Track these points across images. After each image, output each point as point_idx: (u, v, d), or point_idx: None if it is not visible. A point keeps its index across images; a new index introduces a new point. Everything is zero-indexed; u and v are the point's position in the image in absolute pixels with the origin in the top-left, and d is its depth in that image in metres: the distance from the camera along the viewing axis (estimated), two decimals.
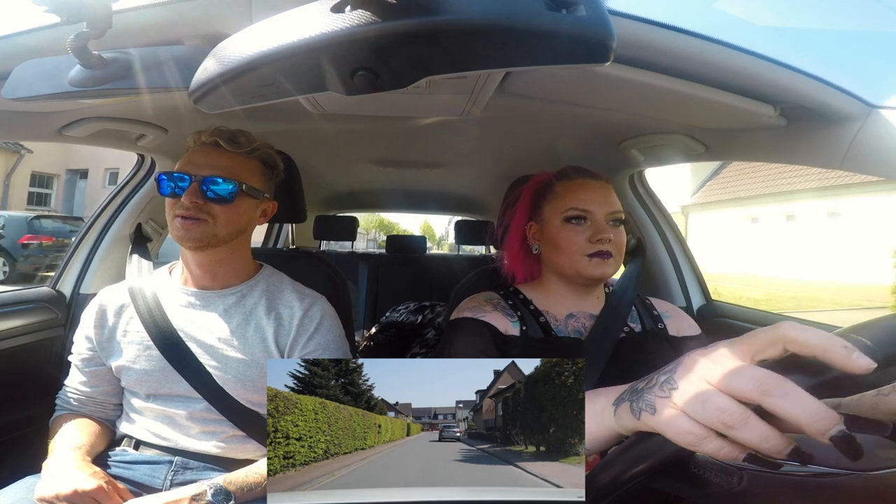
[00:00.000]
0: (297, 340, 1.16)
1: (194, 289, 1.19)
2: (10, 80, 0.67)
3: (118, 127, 1.34)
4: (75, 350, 1.22)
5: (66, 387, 1.22)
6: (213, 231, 1.10)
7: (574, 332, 1.14)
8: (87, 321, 1.21)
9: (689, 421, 0.48)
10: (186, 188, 1.07)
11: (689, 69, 0.91)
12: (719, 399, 0.46)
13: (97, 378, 1.20)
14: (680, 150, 1.44)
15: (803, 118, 1.03)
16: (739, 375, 0.46)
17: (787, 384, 0.43)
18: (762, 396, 0.44)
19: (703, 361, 0.50)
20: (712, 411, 0.46)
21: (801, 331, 0.46)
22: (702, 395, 0.47)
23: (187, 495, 0.97)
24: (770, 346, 0.48)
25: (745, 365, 0.47)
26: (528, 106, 1.26)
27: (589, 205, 1.13)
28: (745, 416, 0.45)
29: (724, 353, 0.49)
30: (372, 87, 0.48)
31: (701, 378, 0.49)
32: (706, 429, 0.47)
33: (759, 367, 0.46)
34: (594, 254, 1.10)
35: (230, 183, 1.09)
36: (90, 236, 1.75)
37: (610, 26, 0.44)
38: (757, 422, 0.44)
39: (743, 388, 0.45)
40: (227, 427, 1.12)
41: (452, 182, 2.88)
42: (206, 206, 1.08)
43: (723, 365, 0.48)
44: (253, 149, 1.15)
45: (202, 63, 0.52)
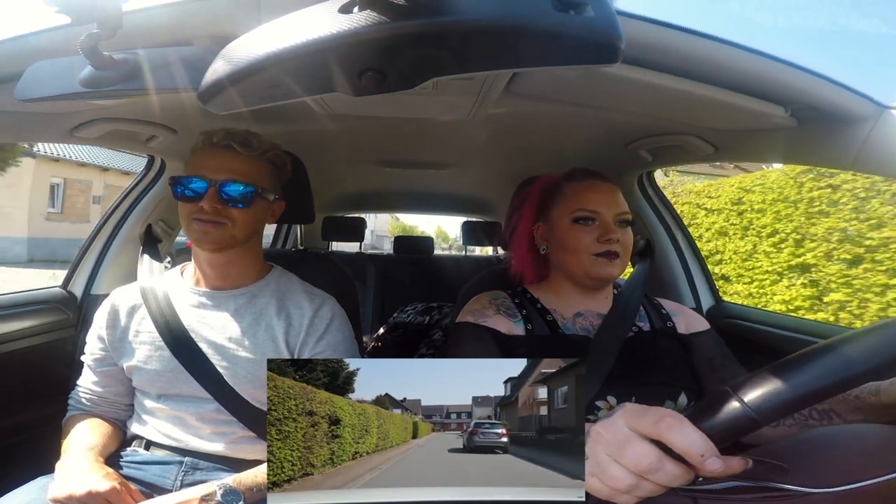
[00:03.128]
0: (307, 340, 1.16)
1: (206, 289, 1.20)
2: (22, 82, 0.68)
3: (128, 128, 1.35)
4: (88, 350, 1.23)
5: (78, 387, 1.23)
6: (232, 234, 1.12)
7: (582, 330, 1.14)
8: (100, 321, 1.22)
9: (618, 467, 0.55)
10: (205, 193, 1.08)
11: (698, 70, 0.90)
12: (637, 444, 0.54)
13: (109, 378, 1.21)
14: (689, 150, 1.43)
15: (814, 119, 1.02)
16: (644, 415, 0.56)
17: (682, 421, 0.53)
18: (660, 430, 0.53)
19: (605, 422, 0.59)
20: (633, 456, 0.54)
21: (674, 434, 0.52)
22: (622, 438, 0.56)
23: (197, 496, 0.97)
24: (650, 434, 0.55)
25: (647, 407, 0.58)
26: (535, 107, 1.25)
27: (597, 206, 1.13)
28: (661, 460, 0.53)
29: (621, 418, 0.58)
30: (379, 88, 0.48)
31: (611, 423, 0.58)
32: (634, 474, 0.54)
33: (658, 408, 0.57)
34: (601, 254, 1.11)
35: (248, 186, 1.11)
36: (101, 237, 1.76)
37: (618, 27, 0.44)
38: (672, 464, 0.53)
39: (646, 424, 0.55)
40: (238, 428, 1.13)
41: (460, 183, 2.88)
42: (225, 209, 1.10)
43: (627, 411, 0.58)
44: (264, 150, 1.16)
45: (211, 64, 0.52)
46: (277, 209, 1.26)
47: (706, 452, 0.51)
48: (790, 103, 0.99)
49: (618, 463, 0.55)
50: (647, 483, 0.54)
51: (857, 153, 0.96)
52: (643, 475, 0.53)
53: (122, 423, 1.23)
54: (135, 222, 1.76)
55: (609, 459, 0.56)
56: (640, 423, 0.55)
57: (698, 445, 0.51)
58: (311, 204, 1.47)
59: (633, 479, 0.54)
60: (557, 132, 1.57)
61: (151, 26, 0.79)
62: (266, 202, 1.18)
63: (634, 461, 0.54)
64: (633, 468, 0.54)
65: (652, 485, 0.54)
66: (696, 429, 0.52)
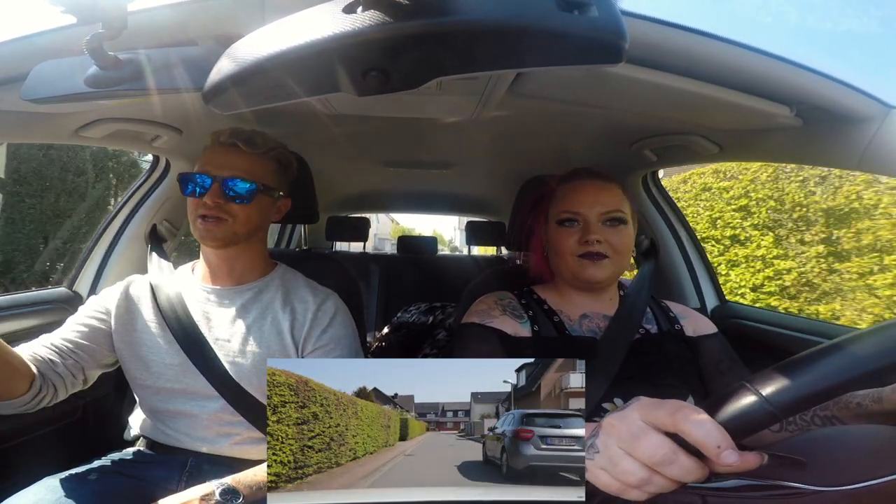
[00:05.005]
0: (311, 333, 1.18)
1: (213, 286, 1.22)
2: (28, 82, 0.68)
3: (133, 128, 1.36)
4: (82, 309, 1.21)
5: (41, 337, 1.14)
6: (234, 229, 1.14)
7: (588, 331, 1.14)
8: (111, 295, 1.22)
9: (631, 461, 0.54)
10: (209, 188, 1.11)
11: (703, 70, 0.90)
12: (652, 436, 0.53)
13: (87, 336, 1.15)
14: (694, 150, 1.42)
15: (820, 119, 1.02)
16: (659, 407, 0.55)
17: (699, 412, 0.52)
18: (676, 421, 0.52)
19: (618, 414, 0.58)
20: (647, 448, 0.53)
21: (691, 424, 0.51)
22: (635, 431, 0.55)
23: (197, 495, 0.98)
24: (666, 426, 0.54)
25: (662, 400, 0.56)
26: (539, 107, 1.25)
27: (579, 207, 1.13)
28: (676, 452, 0.52)
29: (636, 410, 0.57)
30: (383, 88, 0.48)
31: (625, 416, 0.57)
32: (646, 468, 0.53)
33: (673, 400, 0.56)
34: (584, 255, 1.11)
35: (250, 183, 1.13)
36: (106, 237, 1.76)
37: (622, 27, 0.44)
38: (686, 458, 0.52)
39: (661, 416, 0.54)
40: (242, 429, 1.13)
41: (463, 183, 2.87)
42: (227, 205, 1.12)
43: (642, 404, 0.57)
44: (269, 149, 1.19)
45: (215, 64, 0.53)
46: (283, 207, 1.28)
47: (723, 444, 0.50)
48: (795, 103, 0.99)
49: (631, 456, 0.54)
50: (660, 478, 0.53)
51: (863, 153, 0.95)
52: (656, 468, 0.52)
53: (43, 375, 1.06)
54: (140, 222, 1.76)
55: (622, 453, 0.55)
56: (656, 414, 0.55)
57: (714, 436, 0.50)
58: (315, 204, 1.48)
59: (645, 472, 0.53)
60: (561, 132, 1.56)
61: (156, 26, 0.79)
62: (270, 199, 1.20)
63: (648, 454, 0.53)
64: (646, 461, 0.53)
65: (664, 479, 0.53)
66: (713, 421, 0.51)
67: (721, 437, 0.50)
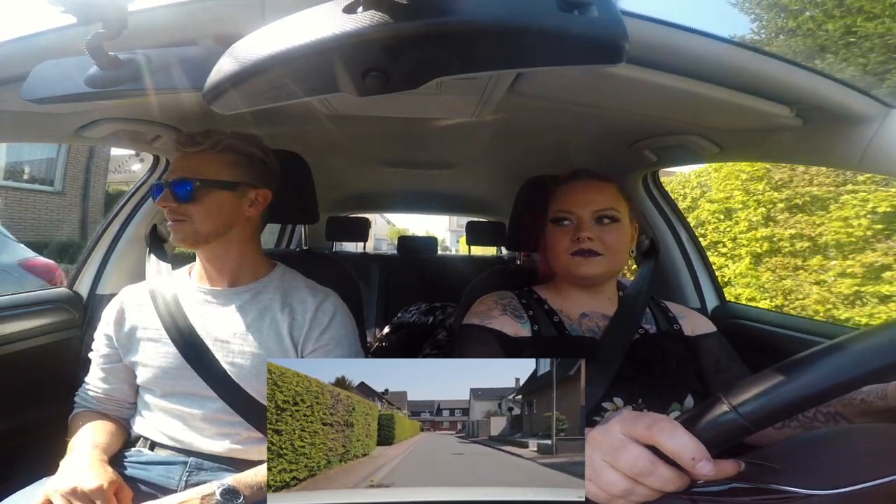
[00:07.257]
0: (310, 334, 1.17)
1: (210, 287, 1.22)
2: (28, 82, 0.68)
3: (133, 128, 1.36)
4: (95, 347, 1.25)
5: (85, 384, 1.24)
6: (195, 228, 1.13)
7: (588, 331, 1.14)
8: (108, 319, 1.23)
9: (613, 472, 0.57)
10: (161, 194, 1.12)
11: (703, 70, 0.90)
12: (632, 449, 0.56)
13: (115, 375, 1.22)
14: (694, 150, 1.42)
15: (820, 119, 1.02)
16: (639, 420, 0.57)
17: (674, 425, 0.54)
18: (653, 434, 0.54)
19: (601, 428, 0.61)
20: (627, 460, 0.56)
21: (666, 437, 0.54)
22: (616, 444, 0.57)
23: (197, 496, 0.98)
24: (644, 439, 0.56)
25: (642, 413, 0.59)
26: (539, 107, 1.25)
27: (571, 205, 1.15)
28: (654, 464, 0.54)
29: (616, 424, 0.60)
30: (383, 88, 0.48)
31: (607, 429, 0.60)
32: (628, 479, 0.55)
33: (652, 414, 0.58)
34: (576, 252, 1.12)
35: (189, 182, 1.12)
36: (106, 237, 1.76)
37: (622, 27, 0.44)
38: (665, 468, 0.54)
39: (639, 429, 0.56)
40: (242, 429, 1.13)
41: (464, 183, 2.87)
42: (181, 207, 1.12)
43: (623, 417, 0.59)
44: (214, 142, 1.14)
45: (216, 65, 0.53)
46: (260, 199, 1.21)
47: (697, 456, 0.52)
48: (796, 103, 0.99)
49: (613, 468, 0.57)
50: (642, 487, 0.55)
51: (863, 153, 0.95)
52: (637, 479, 0.55)
53: (126, 421, 1.23)
54: (140, 222, 1.76)
55: (605, 464, 0.58)
56: (634, 427, 0.57)
57: (689, 449, 0.52)
58: (315, 204, 1.47)
59: (627, 483, 0.55)
60: (561, 132, 1.56)
61: (156, 27, 0.79)
62: (230, 193, 1.15)
63: (628, 465, 0.55)
64: (627, 472, 0.55)
65: (646, 489, 0.55)
66: (688, 433, 0.53)
67: (696, 449, 0.52)
